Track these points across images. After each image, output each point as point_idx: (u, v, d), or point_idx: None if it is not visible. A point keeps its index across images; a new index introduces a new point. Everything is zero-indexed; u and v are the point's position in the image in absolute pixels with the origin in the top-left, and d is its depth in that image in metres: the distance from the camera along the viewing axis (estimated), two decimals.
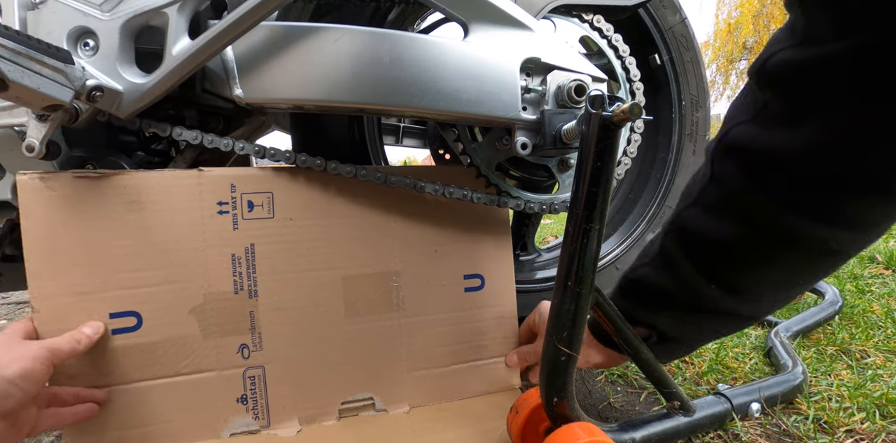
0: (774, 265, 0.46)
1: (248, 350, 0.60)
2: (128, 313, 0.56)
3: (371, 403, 0.65)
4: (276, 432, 0.60)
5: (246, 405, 0.60)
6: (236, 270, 0.60)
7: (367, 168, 0.62)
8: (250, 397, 0.60)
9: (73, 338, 0.50)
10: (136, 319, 0.56)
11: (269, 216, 0.61)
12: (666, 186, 0.90)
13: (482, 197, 0.66)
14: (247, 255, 0.60)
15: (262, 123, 0.87)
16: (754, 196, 0.44)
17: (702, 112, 0.89)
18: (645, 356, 0.57)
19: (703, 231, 0.48)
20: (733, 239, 0.46)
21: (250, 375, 0.61)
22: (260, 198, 0.61)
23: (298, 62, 0.55)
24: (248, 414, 0.60)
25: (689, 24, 0.86)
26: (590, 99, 0.45)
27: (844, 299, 1.08)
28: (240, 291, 0.60)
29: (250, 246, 0.60)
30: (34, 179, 0.53)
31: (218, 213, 0.59)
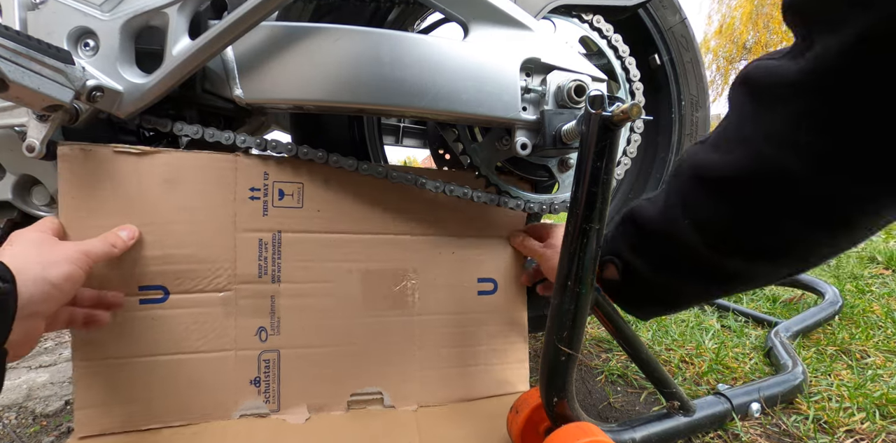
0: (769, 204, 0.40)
1: (265, 333, 0.61)
2: (156, 287, 0.57)
3: (380, 398, 0.66)
4: (285, 418, 0.61)
5: (258, 387, 0.61)
6: (262, 255, 0.61)
7: (369, 163, 0.62)
8: (263, 379, 0.61)
9: (107, 241, 0.51)
10: (164, 292, 0.58)
11: (298, 206, 0.63)
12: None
13: (482, 196, 0.66)
14: (273, 241, 0.62)
15: (263, 123, 0.87)
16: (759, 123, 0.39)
17: (702, 112, 0.89)
18: (645, 356, 0.57)
19: (699, 162, 0.44)
20: (736, 172, 0.40)
21: (265, 358, 0.61)
22: (291, 187, 0.62)
23: (298, 62, 0.55)
24: (260, 397, 0.61)
25: (689, 25, 0.86)
26: (589, 99, 0.45)
27: (844, 299, 1.08)
28: (263, 276, 0.61)
29: (277, 233, 0.62)
30: (75, 149, 0.54)
31: (249, 198, 0.61)
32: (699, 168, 0.44)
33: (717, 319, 1.07)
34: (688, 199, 0.45)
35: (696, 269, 0.46)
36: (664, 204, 0.47)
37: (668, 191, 0.48)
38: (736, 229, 0.42)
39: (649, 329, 1.01)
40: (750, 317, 1.07)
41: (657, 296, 0.52)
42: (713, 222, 0.43)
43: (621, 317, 0.56)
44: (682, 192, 0.45)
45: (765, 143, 0.39)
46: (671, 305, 0.53)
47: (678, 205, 0.45)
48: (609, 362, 0.87)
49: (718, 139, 0.43)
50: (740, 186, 0.41)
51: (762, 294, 1.25)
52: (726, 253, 0.44)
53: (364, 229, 0.65)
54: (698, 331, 0.98)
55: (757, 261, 0.44)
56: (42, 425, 0.73)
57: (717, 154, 0.42)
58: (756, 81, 0.40)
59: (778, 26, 10.66)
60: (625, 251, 0.51)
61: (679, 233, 0.45)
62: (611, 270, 0.53)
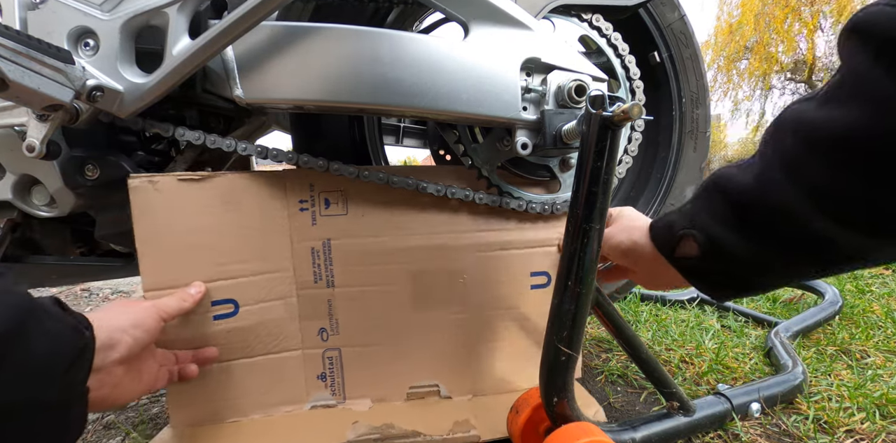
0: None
1: (326, 334, 0.67)
2: (227, 301, 0.62)
3: (436, 389, 0.69)
4: (351, 407, 0.66)
5: (325, 382, 0.67)
6: (315, 262, 0.65)
7: (370, 169, 0.62)
8: (328, 374, 0.67)
9: (179, 297, 0.56)
10: (234, 305, 0.62)
11: (344, 213, 0.66)
12: (667, 184, 0.90)
13: (484, 197, 0.66)
14: (324, 248, 0.65)
15: (263, 122, 0.87)
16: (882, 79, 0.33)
17: (702, 109, 0.89)
18: (645, 356, 0.57)
19: (810, 120, 0.38)
20: (850, 128, 0.35)
21: (328, 355, 0.67)
22: (335, 195, 0.66)
23: (298, 62, 0.54)
24: (327, 390, 0.67)
25: (688, 21, 0.85)
26: (590, 99, 0.45)
27: (844, 299, 1.08)
28: (319, 281, 0.66)
29: (327, 240, 0.65)
30: (143, 182, 0.58)
31: (300, 210, 0.64)
32: (807, 127, 0.38)
33: (717, 319, 1.07)
34: (795, 162, 0.39)
35: (801, 241, 0.40)
36: (762, 169, 0.42)
37: (765, 154, 0.42)
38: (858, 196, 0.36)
39: (649, 329, 1.01)
40: (750, 317, 1.07)
41: (741, 274, 0.46)
42: (829, 188, 0.37)
43: (621, 317, 0.56)
44: (785, 154, 0.40)
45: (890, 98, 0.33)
46: (752, 285, 0.47)
47: (781, 169, 0.40)
48: (609, 362, 0.87)
49: (829, 95, 0.38)
50: (860, 147, 0.35)
51: None
52: (845, 223, 0.37)
53: (409, 231, 0.67)
54: (698, 331, 0.98)
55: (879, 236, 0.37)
56: None
57: (827, 110, 0.37)
58: (870, 30, 0.35)
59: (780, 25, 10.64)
60: (710, 224, 0.45)
61: (784, 201, 0.40)
62: (689, 246, 0.47)
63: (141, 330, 0.48)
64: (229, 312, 0.62)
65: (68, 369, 0.37)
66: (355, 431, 0.60)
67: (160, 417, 0.73)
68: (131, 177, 0.57)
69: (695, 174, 0.91)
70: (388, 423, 0.61)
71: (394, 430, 0.60)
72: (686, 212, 0.48)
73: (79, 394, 0.38)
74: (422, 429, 0.60)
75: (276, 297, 0.64)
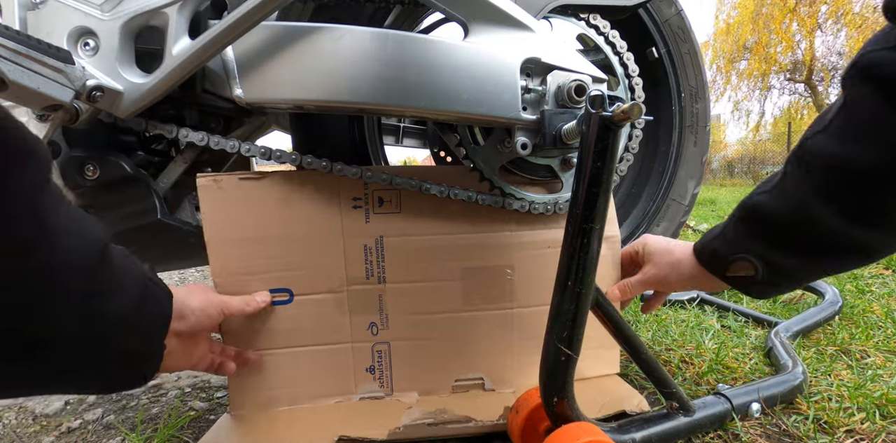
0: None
1: (376, 328, 0.69)
2: (283, 290, 0.66)
3: (481, 382, 0.71)
4: (399, 399, 0.69)
5: (373, 374, 0.69)
6: (367, 259, 0.68)
7: (374, 169, 0.63)
8: (377, 367, 0.69)
9: (244, 300, 0.61)
10: (289, 294, 0.66)
11: (397, 211, 0.68)
12: (669, 179, 0.90)
13: (486, 199, 0.66)
14: (377, 245, 0.67)
15: (263, 122, 0.87)
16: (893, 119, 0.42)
17: (701, 103, 0.89)
18: (645, 356, 0.57)
19: (832, 155, 0.47)
20: (865, 164, 0.45)
21: (377, 349, 0.69)
22: (389, 194, 0.68)
23: (298, 62, 0.55)
24: (375, 382, 0.70)
25: (686, 16, 0.85)
26: (590, 99, 0.45)
27: (844, 299, 1.08)
28: (370, 277, 0.68)
29: (380, 238, 0.67)
30: (209, 181, 0.63)
31: (353, 207, 0.67)
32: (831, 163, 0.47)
33: (717, 319, 1.07)
34: (824, 191, 0.48)
35: (839, 246, 0.50)
36: (795, 197, 0.50)
37: (794, 183, 0.51)
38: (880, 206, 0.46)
39: (649, 329, 1.01)
40: (750, 317, 1.07)
41: (794, 281, 0.57)
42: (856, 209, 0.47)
43: (621, 317, 0.56)
44: (816, 185, 0.49)
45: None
46: (803, 282, 0.58)
47: (812, 196, 0.49)
48: None
49: (844, 131, 0.46)
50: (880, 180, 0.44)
51: None
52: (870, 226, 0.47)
53: (459, 229, 0.69)
54: (698, 331, 0.98)
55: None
56: (42, 425, 0.73)
57: (850, 149, 0.46)
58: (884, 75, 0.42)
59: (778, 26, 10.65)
60: (759, 248, 0.54)
61: (820, 220, 0.49)
62: (742, 267, 0.56)
63: (204, 315, 0.53)
64: (285, 299, 0.66)
65: (161, 329, 0.45)
66: (410, 416, 0.62)
67: (159, 417, 0.73)
68: (199, 176, 0.62)
69: (696, 169, 0.91)
70: (441, 408, 0.64)
71: (446, 415, 0.62)
72: (731, 240, 0.57)
73: (161, 350, 0.45)
74: (473, 415, 0.62)
75: (326, 290, 0.67)
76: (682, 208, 0.92)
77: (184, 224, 0.67)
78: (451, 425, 0.60)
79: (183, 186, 0.75)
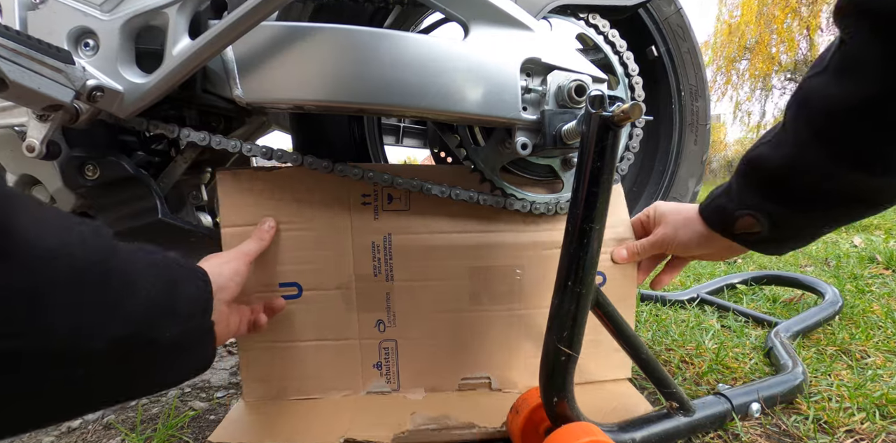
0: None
1: (383, 325, 0.69)
2: (292, 284, 0.66)
3: (487, 382, 0.72)
4: (406, 396, 0.70)
5: (380, 370, 0.70)
6: (375, 256, 0.68)
7: (375, 169, 0.63)
8: (384, 363, 0.70)
9: (256, 237, 0.62)
10: (298, 289, 0.67)
11: (406, 209, 0.68)
12: (669, 177, 0.90)
13: (488, 199, 0.66)
14: (385, 243, 0.68)
15: (263, 122, 0.87)
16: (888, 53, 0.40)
17: (701, 102, 0.89)
18: (645, 356, 0.57)
19: (829, 95, 0.45)
20: (864, 101, 0.43)
21: (385, 346, 0.70)
22: (398, 192, 0.68)
23: (298, 62, 0.55)
24: (382, 378, 0.70)
25: (685, 14, 0.85)
26: (590, 99, 0.45)
27: (844, 299, 1.08)
28: (378, 275, 0.68)
29: (388, 235, 0.68)
30: (228, 174, 0.65)
31: (362, 204, 0.67)
32: (829, 101, 0.45)
33: (717, 319, 1.07)
34: (823, 134, 0.46)
35: (843, 194, 0.48)
36: (795, 143, 0.48)
37: (794, 129, 0.48)
38: (880, 148, 0.45)
39: (649, 329, 1.01)
40: (750, 317, 1.07)
41: (803, 233, 0.55)
42: (857, 148, 0.45)
43: (621, 317, 0.56)
44: (815, 129, 0.47)
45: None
46: (813, 237, 0.56)
47: (811, 141, 0.47)
48: None
49: (840, 67, 0.44)
50: (875, 114, 0.43)
51: (762, 294, 1.25)
52: (876, 171, 0.46)
53: (468, 228, 0.69)
54: (698, 331, 0.98)
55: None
56: None
57: (844, 86, 0.44)
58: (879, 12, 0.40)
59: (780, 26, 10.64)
60: (763, 201, 0.52)
61: (821, 166, 0.47)
62: (748, 223, 0.54)
63: (240, 277, 0.54)
64: (294, 294, 0.66)
65: (205, 308, 0.44)
66: (414, 421, 0.62)
67: (159, 417, 0.73)
68: (219, 170, 0.65)
69: (697, 167, 0.91)
70: (445, 414, 0.64)
71: (450, 421, 0.62)
72: (733, 194, 0.54)
73: (212, 326, 0.45)
74: (477, 421, 0.62)
75: (334, 286, 0.67)
76: None
77: (184, 224, 0.67)
78: (455, 431, 0.61)
79: (183, 185, 0.75)
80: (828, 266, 1.58)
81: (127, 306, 0.35)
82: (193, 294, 0.43)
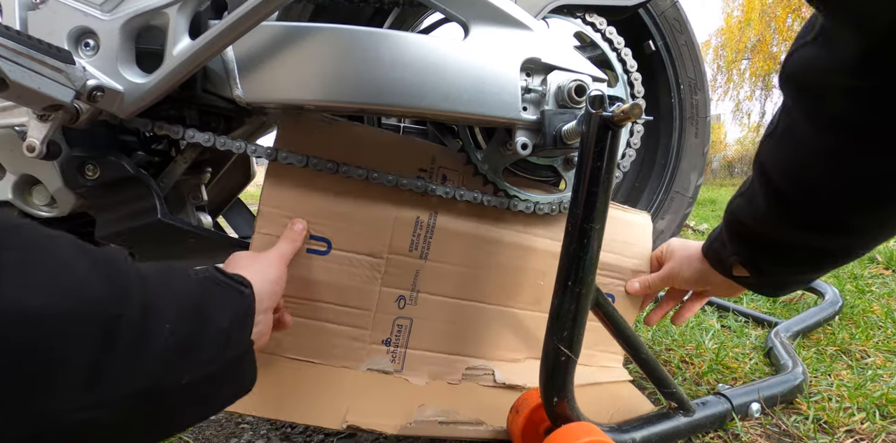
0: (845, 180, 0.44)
1: (404, 301, 0.68)
2: (321, 239, 0.64)
3: (491, 374, 0.71)
4: (408, 378, 0.67)
5: (388, 347, 0.68)
6: (416, 232, 0.66)
7: (379, 170, 0.62)
8: (393, 341, 0.68)
9: (289, 238, 0.59)
10: (327, 245, 0.64)
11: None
12: (671, 171, 0.90)
13: (492, 200, 0.66)
14: (430, 220, 0.67)
15: (263, 122, 0.87)
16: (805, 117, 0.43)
17: (701, 95, 0.89)
18: (645, 356, 0.57)
19: (779, 161, 0.48)
20: (800, 167, 0.45)
21: (399, 323, 0.68)
22: (453, 175, 0.68)
23: (298, 62, 0.55)
24: (387, 356, 0.68)
25: (681, 7, 0.85)
26: (590, 99, 0.45)
27: (844, 299, 1.08)
28: (413, 250, 0.67)
29: (434, 214, 0.67)
30: (290, 115, 0.62)
31: (416, 178, 0.64)
32: (780, 168, 0.48)
33: (717, 319, 1.07)
34: (777, 200, 0.49)
35: (814, 250, 0.51)
36: (758, 204, 0.51)
37: (758, 190, 0.51)
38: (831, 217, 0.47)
39: (649, 329, 1.01)
40: (750, 317, 1.07)
41: (792, 280, 0.58)
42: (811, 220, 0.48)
43: (621, 317, 0.56)
44: (769, 193, 0.49)
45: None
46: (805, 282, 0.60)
47: (770, 205, 0.49)
48: None
49: (783, 140, 0.47)
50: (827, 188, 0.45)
51: None
52: (834, 234, 0.48)
53: (510, 226, 0.70)
54: (698, 331, 0.98)
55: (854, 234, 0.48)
56: None
57: (790, 156, 0.47)
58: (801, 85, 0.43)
59: (781, 25, 10.63)
60: (748, 251, 0.55)
61: (785, 227, 0.49)
62: (740, 269, 0.57)
63: (282, 280, 0.52)
64: (322, 249, 0.64)
65: (242, 329, 0.42)
66: (422, 412, 0.61)
67: None
68: (282, 116, 0.63)
69: (698, 160, 0.90)
70: (453, 407, 0.63)
71: (459, 415, 0.62)
72: (725, 242, 0.57)
73: (248, 346, 0.43)
74: (484, 418, 0.62)
75: (366, 252, 0.65)
76: (685, 200, 0.91)
77: (184, 224, 0.67)
78: (463, 427, 0.60)
79: (183, 185, 0.75)
80: None
81: (137, 362, 0.31)
82: (227, 318, 0.40)
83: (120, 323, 0.30)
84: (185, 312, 0.36)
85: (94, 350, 0.29)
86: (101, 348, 0.29)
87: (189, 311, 0.36)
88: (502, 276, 0.71)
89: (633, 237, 0.75)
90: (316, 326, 0.66)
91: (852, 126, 0.40)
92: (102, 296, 0.30)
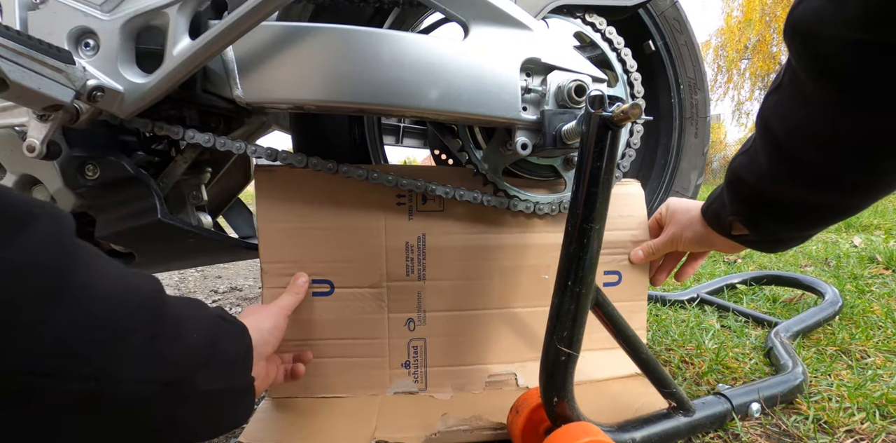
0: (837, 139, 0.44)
1: (413, 324, 0.70)
2: (324, 281, 0.67)
3: (514, 378, 0.72)
4: (433, 395, 0.70)
5: (408, 369, 0.70)
6: (409, 257, 0.69)
7: (380, 171, 0.62)
8: (412, 363, 0.70)
9: (292, 291, 0.63)
10: (330, 286, 0.67)
11: (440, 209, 0.69)
12: (671, 171, 0.90)
13: (492, 200, 0.66)
14: (419, 243, 0.69)
15: (263, 123, 0.87)
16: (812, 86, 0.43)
17: (701, 94, 0.89)
18: (645, 356, 0.57)
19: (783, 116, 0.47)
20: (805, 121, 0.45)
21: (413, 345, 0.70)
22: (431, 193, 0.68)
23: (298, 62, 0.55)
24: (410, 377, 0.70)
25: (681, 7, 0.85)
26: (590, 99, 0.45)
27: (844, 299, 1.08)
28: (410, 274, 0.69)
29: (422, 236, 0.68)
30: (265, 172, 0.66)
31: (397, 204, 0.68)
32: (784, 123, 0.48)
33: (717, 319, 1.07)
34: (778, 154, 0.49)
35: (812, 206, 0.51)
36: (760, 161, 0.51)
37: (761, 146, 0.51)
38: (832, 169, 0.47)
39: (649, 329, 1.01)
40: (750, 317, 1.07)
41: (790, 236, 0.58)
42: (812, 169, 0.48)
43: (621, 317, 0.56)
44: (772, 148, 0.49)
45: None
46: (802, 239, 0.59)
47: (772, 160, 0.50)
48: None
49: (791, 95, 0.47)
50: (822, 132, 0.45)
51: (762, 294, 1.25)
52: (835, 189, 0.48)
53: (500, 229, 0.70)
54: (698, 331, 0.98)
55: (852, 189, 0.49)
56: None
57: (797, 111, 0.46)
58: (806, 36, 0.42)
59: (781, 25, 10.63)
60: (747, 210, 0.56)
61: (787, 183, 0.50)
62: (739, 227, 0.58)
63: (279, 330, 0.55)
64: (326, 291, 0.67)
65: (245, 362, 0.45)
66: (445, 422, 0.62)
67: None
68: (257, 168, 0.67)
69: (698, 160, 0.91)
70: (476, 414, 0.63)
71: (482, 421, 0.62)
72: (724, 200, 0.58)
73: (251, 382, 0.46)
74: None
75: (367, 285, 0.68)
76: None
77: (184, 224, 0.67)
78: (487, 432, 0.60)
79: (183, 185, 0.75)
80: (828, 266, 1.58)
81: (172, 353, 0.36)
82: (233, 349, 0.44)
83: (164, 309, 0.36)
84: (206, 328, 0.40)
85: (150, 325, 0.34)
86: (154, 323, 0.34)
87: (208, 328, 0.41)
88: (504, 279, 0.71)
89: (627, 209, 0.76)
90: (338, 364, 0.69)
91: (856, 80, 0.40)
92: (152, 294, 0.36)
